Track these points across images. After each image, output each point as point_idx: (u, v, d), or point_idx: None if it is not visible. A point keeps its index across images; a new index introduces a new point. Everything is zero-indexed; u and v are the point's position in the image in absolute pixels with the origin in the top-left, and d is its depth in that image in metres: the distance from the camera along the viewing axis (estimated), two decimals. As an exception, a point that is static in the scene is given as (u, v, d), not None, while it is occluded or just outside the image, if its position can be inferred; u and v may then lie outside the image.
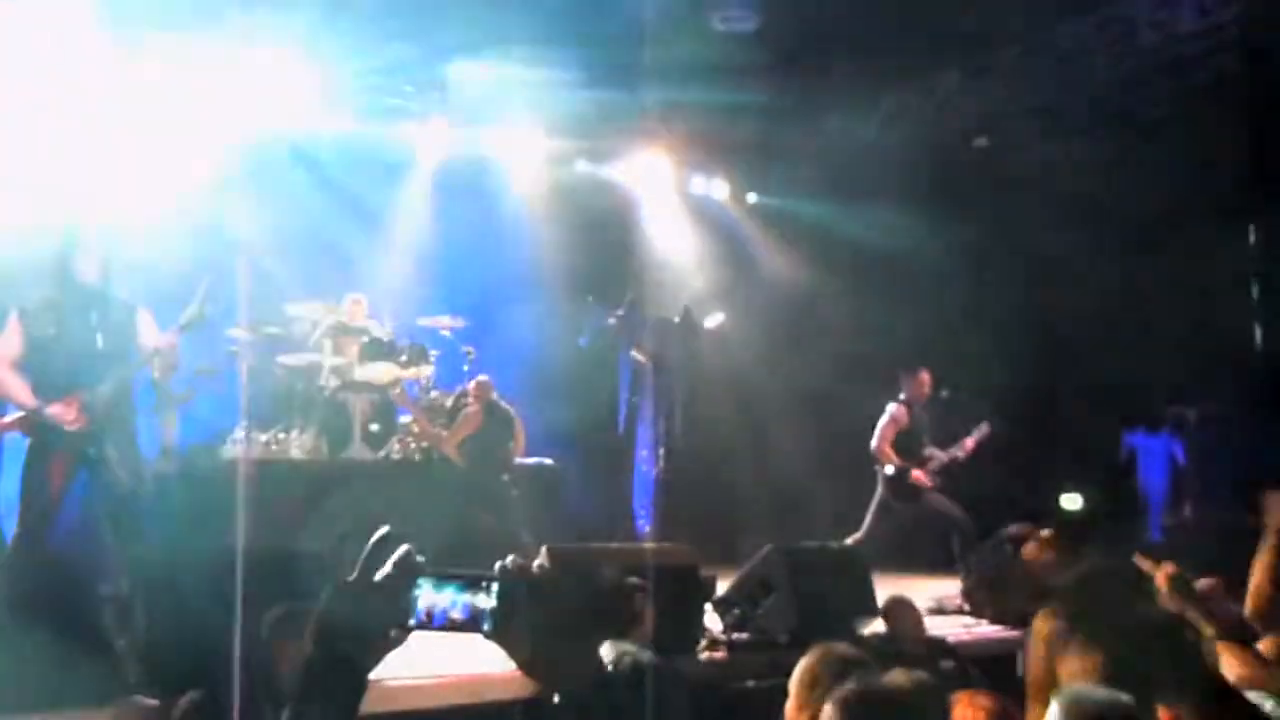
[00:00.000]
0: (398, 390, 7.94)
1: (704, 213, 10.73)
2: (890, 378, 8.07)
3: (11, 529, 5.86)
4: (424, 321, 8.75)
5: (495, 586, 1.44)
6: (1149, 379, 8.36)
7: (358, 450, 7.74)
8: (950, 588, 7.06)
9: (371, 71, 8.60)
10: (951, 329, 9.29)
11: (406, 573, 1.41)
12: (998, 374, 8.59)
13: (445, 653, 4.31)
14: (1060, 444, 8.60)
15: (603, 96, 9.01)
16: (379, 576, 1.40)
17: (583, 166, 10.22)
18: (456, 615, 1.43)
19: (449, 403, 8.05)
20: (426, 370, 8.28)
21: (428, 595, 1.42)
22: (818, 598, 5.42)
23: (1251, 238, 8.69)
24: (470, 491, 7.17)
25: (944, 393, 7.88)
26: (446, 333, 8.72)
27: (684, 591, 5.11)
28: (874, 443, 7.82)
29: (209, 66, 8.07)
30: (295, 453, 7.49)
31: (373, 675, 1.42)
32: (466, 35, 8.25)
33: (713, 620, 5.47)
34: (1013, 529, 6.50)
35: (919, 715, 2.00)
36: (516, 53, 8.40)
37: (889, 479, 7.77)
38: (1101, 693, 1.92)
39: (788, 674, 2.89)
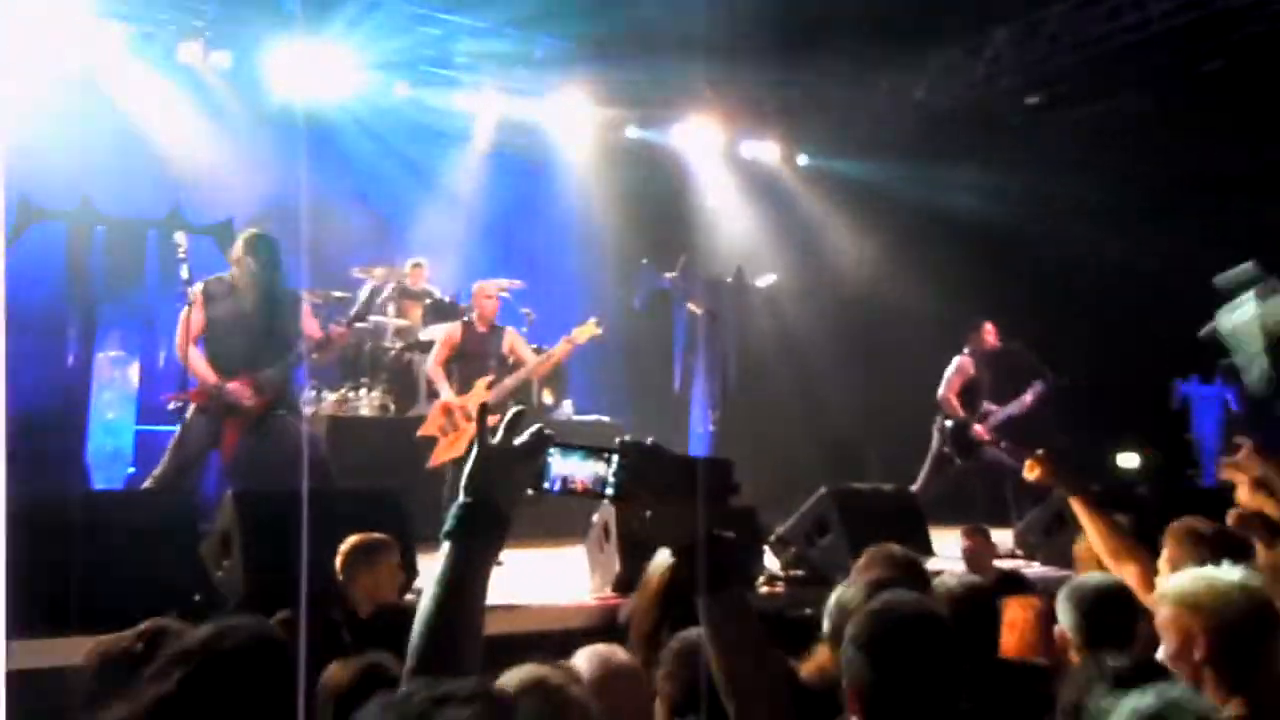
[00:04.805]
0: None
1: (755, 175, 10.82)
2: (944, 331, 8.09)
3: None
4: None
5: (614, 457, 1.62)
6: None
7: (423, 408, 7.99)
8: (1002, 537, 7.17)
9: (426, 44, 8.84)
10: (1002, 284, 9.32)
11: (539, 440, 1.60)
12: (1052, 327, 8.62)
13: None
14: (1114, 395, 8.62)
15: (651, 63, 9.11)
16: (517, 442, 1.59)
17: (633, 133, 10.33)
18: (584, 481, 1.62)
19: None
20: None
21: (557, 462, 1.61)
22: (871, 536, 5.56)
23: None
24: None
25: (1010, 346, 7.77)
26: (506, 294, 8.90)
27: (740, 532, 5.29)
28: (940, 391, 7.71)
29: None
30: (364, 411, 7.77)
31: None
32: (516, 6, 8.46)
33: (771, 561, 5.67)
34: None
35: (943, 629, 1.99)
36: (565, 22, 8.55)
37: (950, 431, 7.66)
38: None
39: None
